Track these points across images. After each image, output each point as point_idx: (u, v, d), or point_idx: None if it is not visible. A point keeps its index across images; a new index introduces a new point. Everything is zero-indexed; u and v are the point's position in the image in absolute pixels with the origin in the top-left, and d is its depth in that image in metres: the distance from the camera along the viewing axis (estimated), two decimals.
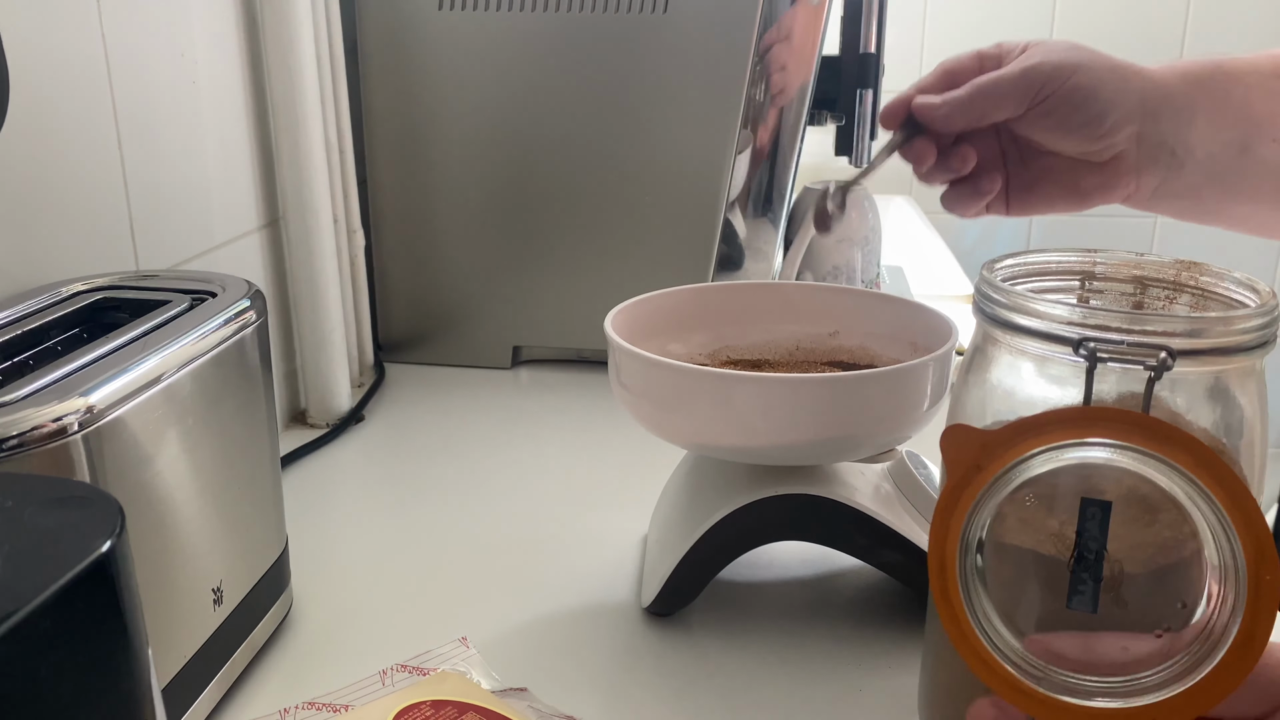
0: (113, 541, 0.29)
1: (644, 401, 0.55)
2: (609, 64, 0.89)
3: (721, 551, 0.57)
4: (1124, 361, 0.36)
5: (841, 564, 0.63)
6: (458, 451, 0.81)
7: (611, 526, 0.68)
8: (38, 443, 0.38)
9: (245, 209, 0.79)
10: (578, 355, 0.97)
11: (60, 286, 0.53)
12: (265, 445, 0.55)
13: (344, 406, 0.86)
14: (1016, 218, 0.66)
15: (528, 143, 0.92)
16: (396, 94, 0.92)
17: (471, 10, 0.89)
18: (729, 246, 0.93)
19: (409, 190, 0.94)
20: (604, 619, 0.59)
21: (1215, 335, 0.37)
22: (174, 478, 0.46)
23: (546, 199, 0.93)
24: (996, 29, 1.93)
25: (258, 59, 0.79)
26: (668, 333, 0.63)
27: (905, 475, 0.58)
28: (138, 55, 0.64)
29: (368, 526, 0.71)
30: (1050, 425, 0.35)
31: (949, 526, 0.36)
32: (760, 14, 0.86)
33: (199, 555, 0.49)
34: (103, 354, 0.44)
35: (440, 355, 0.98)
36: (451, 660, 0.52)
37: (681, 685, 0.54)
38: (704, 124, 0.89)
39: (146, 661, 0.31)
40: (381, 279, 0.97)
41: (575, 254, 0.93)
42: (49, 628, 0.26)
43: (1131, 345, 0.36)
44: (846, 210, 1.00)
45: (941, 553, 0.36)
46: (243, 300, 0.52)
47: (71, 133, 0.59)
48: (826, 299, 0.66)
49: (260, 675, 0.55)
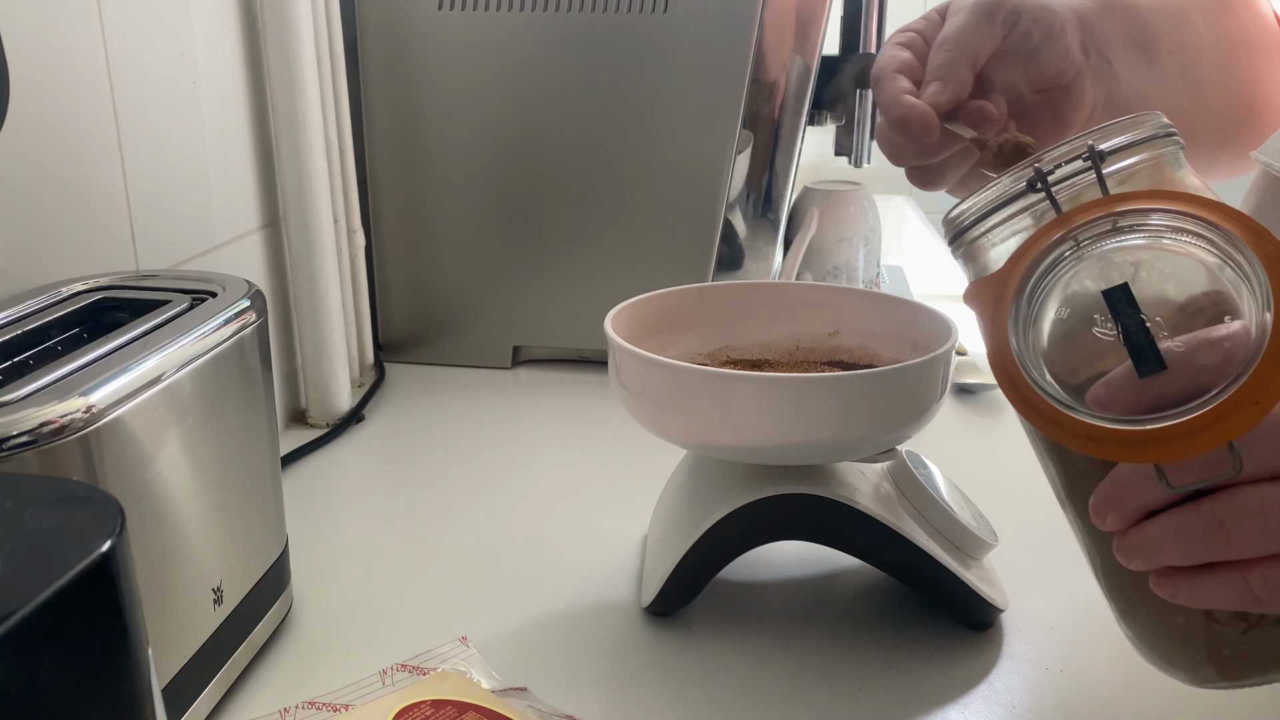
0: (113, 541, 0.29)
1: (644, 401, 0.55)
2: (609, 64, 0.89)
3: (721, 551, 0.57)
4: (1067, 170, 0.41)
5: (841, 564, 0.63)
6: (458, 451, 0.81)
7: (611, 526, 0.68)
8: (38, 443, 0.38)
9: (245, 209, 0.79)
10: (578, 355, 0.97)
11: (60, 286, 0.53)
12: (265, 445, 0.55)
13: (344, 406, 0.86)
14: None
15: (528, 142, 0.92)
16: (396, 94, 0.92)
17: (471, 10, 0.89)
18: (729, 246, 0.93)
19: (409, 190, 0.94)
20: (604, 619, 0.59)
21: (1122, 130, 0.42)
22: (174, 478, 0.46)
23: (546, 199, 0.93)
24: None
25: (258, 59, 0.79)
26: (668, 333, 0.63)
27: (905, 475, 0.58)
28: (138, 55, 0.64)
29: (368, 526, 0.71)
30: (1037, 237, 0.40)
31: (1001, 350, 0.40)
32: (760, 14, 0.86)
33: (199, 555, 0.49)
34: (103, 354, 0.44)
35: (440, 355, 0.98)
36: (451, 660, 0.52)
37: (681, 685, 0.54)
38: (704, 124, 0.89)
39: (146, 661, 0.31)
40: (381, 279, 0.97)
41: (575, 254, 0.93)
42: (49, 628, 0.26)
43: (1067, 161, 0.41)
44: (846, 208, 1.00)
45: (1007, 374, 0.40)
46: (243, 300, 0.52)
47: (71, 133, 0.59)
48: (826, 299, 0.66)
49: (260, 675, 0.55)
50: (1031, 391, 0.39)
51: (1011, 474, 0.76)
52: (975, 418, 0.86)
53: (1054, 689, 0.54)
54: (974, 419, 0.86)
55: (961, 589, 0.56)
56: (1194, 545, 0.38)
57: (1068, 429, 0.38)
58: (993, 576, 0.59)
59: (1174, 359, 0.37)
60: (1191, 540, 0.38)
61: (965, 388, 0.90)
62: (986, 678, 0.54)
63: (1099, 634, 0.58)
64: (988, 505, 0.62)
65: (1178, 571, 0.39)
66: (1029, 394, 0.39)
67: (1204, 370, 0.37)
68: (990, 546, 0.57)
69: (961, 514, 0.57)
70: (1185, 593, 0.39)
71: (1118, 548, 0.40)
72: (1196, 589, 0.38)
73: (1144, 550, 0.39)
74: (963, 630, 0.58)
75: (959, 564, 0.56)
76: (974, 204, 0.44)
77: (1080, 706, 0.52)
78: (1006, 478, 0.75)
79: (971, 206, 0.45)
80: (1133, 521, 0.39)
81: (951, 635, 0.57)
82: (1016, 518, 0.65)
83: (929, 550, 0.55)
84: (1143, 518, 0.39)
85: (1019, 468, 0.77)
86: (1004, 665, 0.55)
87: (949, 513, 0.56)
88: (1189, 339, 0.37)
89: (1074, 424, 0.38)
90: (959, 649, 0.56)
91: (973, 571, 0.56)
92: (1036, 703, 0.52)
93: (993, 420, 0.86)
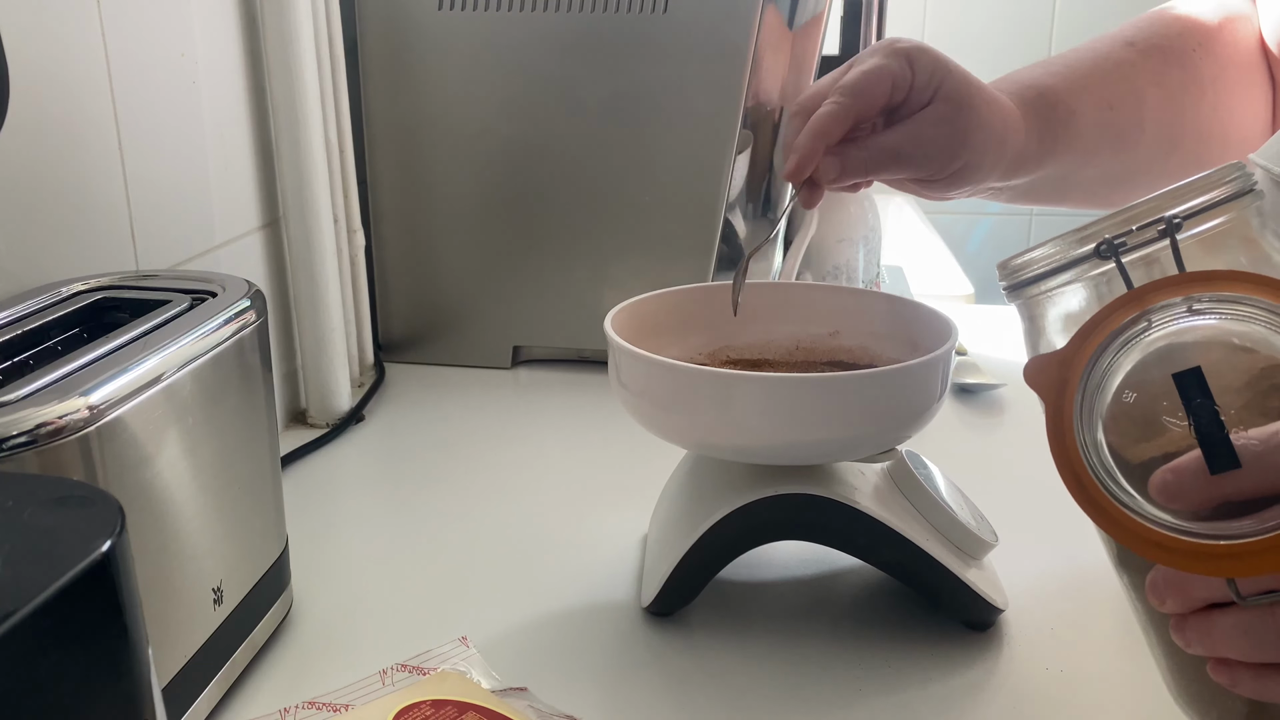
0: (113, 541, 0.29)
1: (644, 401, 0.55)
2: (609, 64, 0.89)
3: (721, 551, 0.57)
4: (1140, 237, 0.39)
5: (841, 564, 0.63)
6: (458, 451, 0.81)
7: (611, 526, 0.68)
8: (38, 443, 0.38)
9: (245, 209, 0.79)
10: (578, 355, 0.97)
11: (60, 286, 0.53)
12: (265, 445, 0.55)
13: (344, 406, 0.86)
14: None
15: (528, 142, 0.92)
16: (396, 94, 0.92)
17: (471, 10, 0.89)
18: (729, 246, 0.92)
19: (409, 190, 0.94)
20: (604, 619, 0.59)
21: (1198, 191, 0.40)
22: (174, 478, 0.46)
23: (546, 199, 0.93)
24: (996, 29, 1.93)
25: (258, 59, 0.79)
26: (668, 333, 0.63)
27: (905, 475, 0.58)
28: (138, 55, 0.64)
29: (368, 526, 0.71)
30: (1106, 314, 0.37)
31: (1066, 443, 0.38)
32: (760, 14, 0.86)
33: (199, 555, 0.49)
34: (103, 354, 0.44)
35: (440, 355, 0.98)
36: (451, 660, 0.52)
37: (681, 685, 0.54)
38: (704, 124, 0.89)
39: (146, 661, 0.31)
40: (381, 279, 0.97)
41: (575, 254, 0.93)
42: (49, 628, 0.26)
43: (1139, 229, 0.39)
44: (846, 208, 1.00)
45: (1072, 470, 0.37)
46: (243, 300, 0.52)
47: (71, 133, 0.59)
48: (826, 299, 0.66)
49: (260, 675, 0.55)
50: (1097, 490, 0.37)
51: (1011, 474, 0.76)
52: (975, 418, 0.86)
53: (1054, 689, 0.54)
54: (974, 419, 0.86)
55: (961, 589, 0.56)
56: (1262, 646, 0.36)
57: (1135, 534, 0.36)
58: (993, 576, 0.59)
59: (1248, 456, 0.35)
60: (1259, 641, 0.36)
61: (965, 388, 0.90)
62: (986, 678, 0.54)
63: (1099, 634, 0.58)
64: (988, 505, 0.62)
65: (1240, 665, 0.37)
66: (1094, 493, 0.37)
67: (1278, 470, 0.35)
68: (990, 546, 0.57)
69: (961, 514, 0.57)
70: (1247, 685, 0.37)
71: (1176, 629, 0.38)
72: (1261, 684, 0.37)
73: (1205, 638, 0.38)
74: (963, 630, 0.58)
75: (959, 564, 0.56)
76: (1035, 259, 0.43)
77: (1080, 706, 0.52)
78: (1006, 478, 0.75)
79: (1032, 261, 0.43)
80: (1193, 609, 0.38)
81: (951, 635, 0.57)
82: (1016, 518, 0.65)
83: (929, 550, 0.55)
84: (1203, 607, 0.38)
85: (1019, 468, 0.77)
86: (1004, 665, 0.55)
87: (949, 513, 0.56)
88: (1265, 435, 0.35)
89: (1142, 530, 0.36)
90: (959, 649, 0.56)
91: (973, 571, 0.56)
92: (1036, 703, 0.52)
93: (993, 420, 0.86)
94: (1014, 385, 0.90)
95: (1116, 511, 0.37)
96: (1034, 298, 0.43)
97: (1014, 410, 0.87)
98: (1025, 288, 0.43)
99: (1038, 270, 0.42)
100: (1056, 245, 0.42)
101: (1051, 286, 0.42)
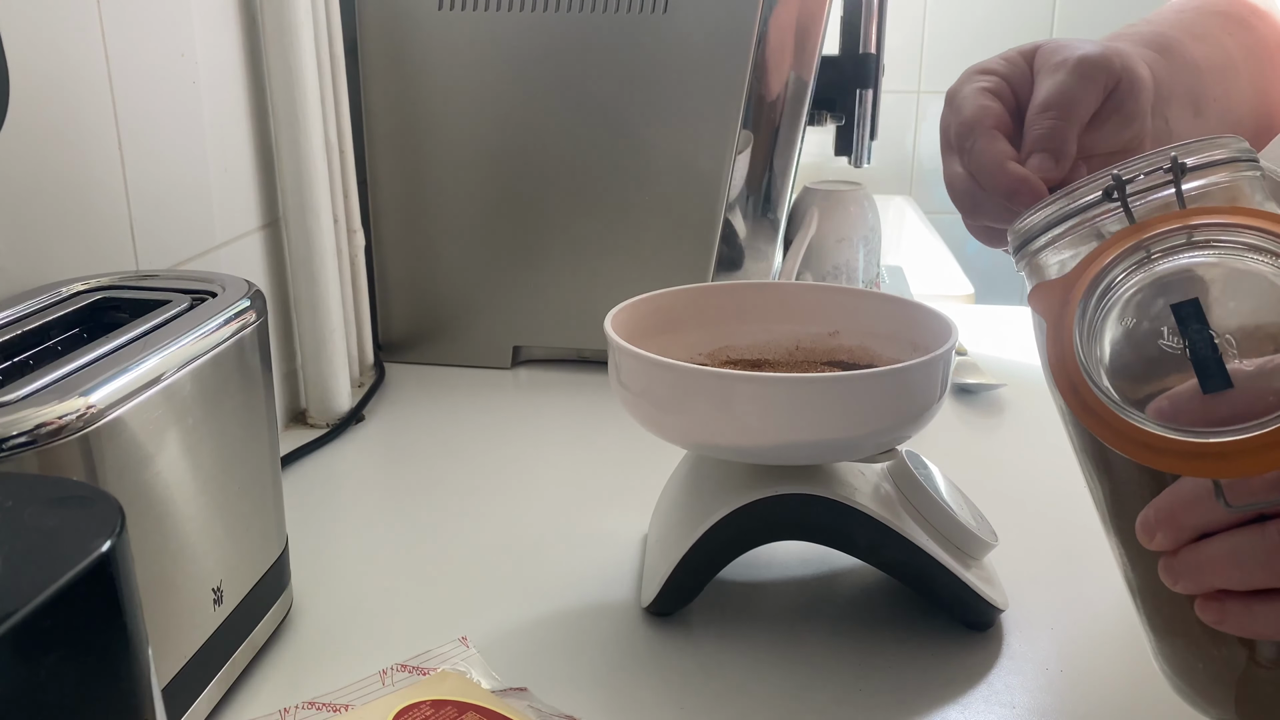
0: (113, 541, 0.29)
1: (644, 401, 0.55)
2: (609, 64, 0.89)
3: (721, 551, 0.57)
4: (1147, 180, 0.40)
5: (841, 564, 0.63)
6: (458, 451, 0.81)
7: (611, 526, 0.68)
8: (38, 443, 0.38)
9: (245, 209, 0.79)
10: (578, 355, 0.97)
11: (60, 286, 0.53)
12: (265, 445, 0.55)
13: (344, 406, 0.86)
14: None
15: (527, 142, 0.92)
16: (396, 94, 0.92)
17: (471, 10, 0.89)
18: (729, 246, 0.93)
19: (409, 190, 0.94)
20: (604, 619, 0.59)
21: (1206, 148, 0.41)
22: (174, 478, 0.46)
23: (546, 199, 0.93)
24: (996, 29, 1.93)
25: (258, 59, 0.79)
26: (668, 333, 0.63)
27: (905, 475, 0.58)
28: (138, 55, 0.64)
29: (368, 526, 0.71)
30: (1110, 244, 0.39)
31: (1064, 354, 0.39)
32: (760, 14, 0.86)
33: (199, 555, 0.49)
34: (103, 354, 0.44)
35: (440, 355, 0.98)
36: (451, 660, 0.52)
37: (681, 685, 0.54)
38: (704, 124, 0.89)
39: (146, 661, 0.31)
40: (381, 279, 0.97)
41: (575, 254, 0.93)
42: (49, 628, 0.26)
43: (1149, 170, 0.40)
44: (846, 208, 1.01)
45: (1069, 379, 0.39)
46: (243, 300, 0.52)
47: (71, 133, 0.59)
48: (826, 299, 0.66)
49: (260, 675, 0.55)
50: (1092, 395, 0.38)
51: (1011, 474, 0.76)
52: (975, 418, 0.86)
53: (1054, 689, 0.54)
54: (974, 419, 0.86)
55: (961, 589, 0.56)
56: (1251, 569, 0.36)
57: (1126, 436, 0.37)
58: (993, 576, 0.59)
59: (1241, 379, 0.36)
60: (1249, 563, 0.36)
61: (965, 388, 0.90)
62: (986, 678, 0.54)
63: (1099, 634, 0.58)
64: (988, 505, 0.62)
65: (1229, 596, 0.37)
66: (1089, 398, 0.38)
67: (1272, 392, 0.36)
68: (990, 546, 0.57)
69: (961, 514, 0.57)
70: (1236, 618, 0.37)
71: (1164, 567, 0.39)
72: (1251, 615, 0.37)
73: (1194, 571, 0.38)
74: (963, 630, 0.58)
75: (959, 564, 0.56)
76: (1044, 211, 0.43)
77: (1080, 706, 0.52)
78: (1006, 478, 0.75)
79: (1042, 213, 0.43)
80: (1183, 542, 0.38)
81: (951, 635, 0.57)
82: (1016, 518, 0.65)
83: (929, 550, 0.55)
84: (1193, 539, 0.38)
85: (1019, 468, 0.77)
86: (1004, 665, 0.55)
87: (949, 513, 0.56)
88: (1259, 361, 0.36)
89: (1133, 431, 0.37)
90: (959, 649, 0.56)
91: (973, 571, 0.56)
92: (1036, 703, 0.52)
93: (993, 420, 0.86)
94: (1014, 385, 0.90)
95: (1108, 414, 0.38)
96: (1040, 252, 0.44)
97: (1014, 410, 0.87)
98: (1034, 240, 0.44)
99: (1046, 218, 0.43)
100: (1064, 194, 0.43)
101: (1059, 233, 0.43)
